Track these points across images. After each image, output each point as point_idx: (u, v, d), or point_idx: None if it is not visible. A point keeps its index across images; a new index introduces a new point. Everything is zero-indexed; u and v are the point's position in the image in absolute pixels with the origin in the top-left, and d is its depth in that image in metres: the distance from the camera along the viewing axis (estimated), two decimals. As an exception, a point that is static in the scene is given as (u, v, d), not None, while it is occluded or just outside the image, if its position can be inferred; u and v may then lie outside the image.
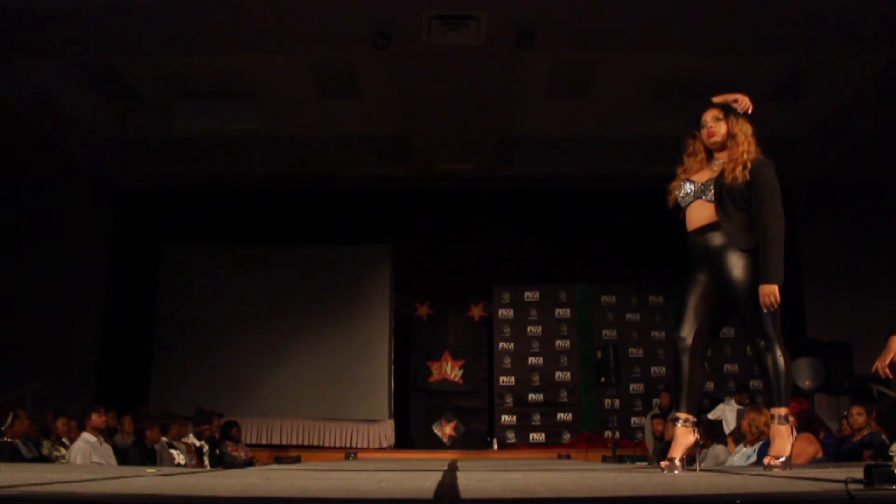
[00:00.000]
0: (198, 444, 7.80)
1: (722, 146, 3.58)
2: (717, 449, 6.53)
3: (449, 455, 9.07)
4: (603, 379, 9.18)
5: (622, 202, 10.28)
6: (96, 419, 6.17)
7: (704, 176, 3.59)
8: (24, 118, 8.71)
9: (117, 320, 10.47)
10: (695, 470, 3.54)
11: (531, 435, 10.59)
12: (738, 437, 6.14)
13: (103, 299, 10.55)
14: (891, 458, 5.17)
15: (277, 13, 6.88)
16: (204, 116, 8.70)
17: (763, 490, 1.93)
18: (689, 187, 3.60)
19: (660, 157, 4.13)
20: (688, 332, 3.49)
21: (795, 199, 9.50)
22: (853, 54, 7.69)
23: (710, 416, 7.86)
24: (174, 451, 6.91)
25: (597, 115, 9.27)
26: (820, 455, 5.72)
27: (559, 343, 10.89)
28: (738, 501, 1.72)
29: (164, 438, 6.89)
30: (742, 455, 5.80)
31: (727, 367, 10.43)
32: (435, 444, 10.55)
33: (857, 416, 6.18)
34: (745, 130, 3.53)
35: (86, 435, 6.11)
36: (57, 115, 9.01)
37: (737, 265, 3.40)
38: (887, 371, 3.64)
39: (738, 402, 8.24)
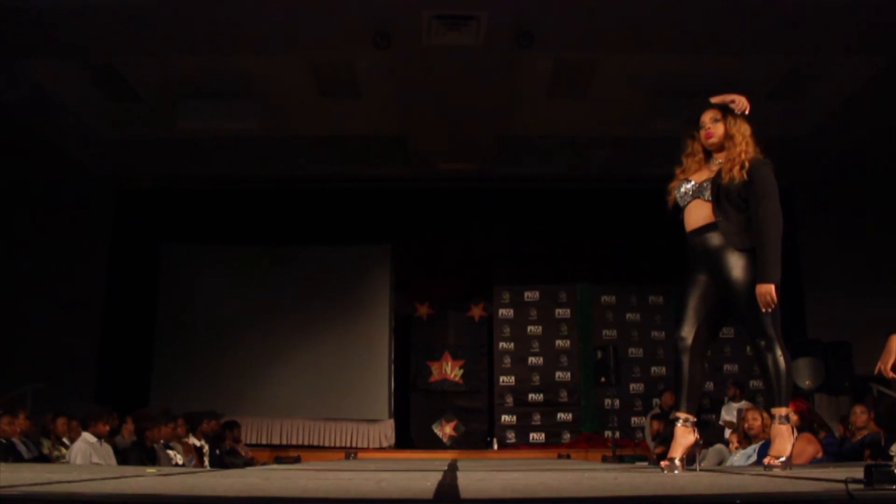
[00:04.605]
0: (198, 444, 7.80)
1: (720, 147, 3.59)
2: (718, 448, 6.54)
3: (449, 455, 9.07)
4: (603, 379, 9.18)
5: (622, 202, 10.27)
6: (102, 428, 6.15)
7: (702, 176, 3.60)
8: (24, 118, 8.71)
9: (117, 320, 10.47)
10: (695, 470, 3.54)
11: (531, 435, 10.58)
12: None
13: (103, 299, 10.54)
14: (891, 457, 5.17)
15: (277, 13, 6.88)
16: (204, 116, 8.68)
17: (763, 490, 1.93)
18: (687, 187, 3.61)
19: (660, 157, 4.13)
20: (688, 332, 3.50)
21: (795, 199, 9.50)
22: (853, 54, 7.69)
23: (726, 416, 7.86)
24: (171, 452, 6.90)
25: (597, 115, 9.27)
26: (820, 455, 5.72)
27: (559, 343, 10.89)
28: (738, 501, 1.72)
29: (161, 440, 6.88)
30: (742, 455, 5.80)
31: (727, 367, 10.42)
32: (435, 444, 10.55)
33: (861, 413, 6.18)
34: (742, 131, 3.53)
35: (86, 435, 6.10)
36: (57, 115, 9.01)
37: (735, 265, 3.40)
38: (890, 373, 3.63)
39: (731, 399, 8.26)
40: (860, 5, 6.63)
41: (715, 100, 3.63)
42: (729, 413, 7.93)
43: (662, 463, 3.44)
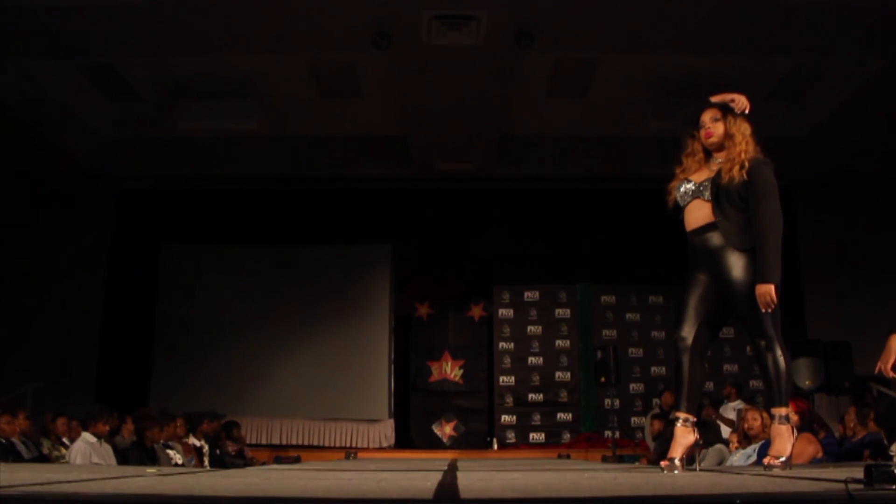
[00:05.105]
0: (198, 444, 7.80)
1: (720, 146, 3.58)
2: (718, 448, 6.53)
3: (449, 455, 9.07)
4: (603, 379, 9.18)
5: (622, 202, 10.27)
6: (101, 428, 6.15)
7: (702, 176, 3.59)
8: (23, 118, 8.71)
9: (117, 320, 10.46)
10: (695, 470, 3.54)
11: (531, 435, 10.58)
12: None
13: (103, 299, 10.54)
14: (891, 457, 5.17)
15: (277, 13, 6.88)
16: (204, 116, 8.69)
17: (763, 490, 1.93)
18: (687, 187, 3.60)
19: (660, 157, 4.13)
20: (688, 332, 3.50)
21: (795, 199, 9.50)
22: (853, 54, 7.69)
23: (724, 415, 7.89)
24: (171, 451, 6.90)
25: (597, 115, 9.27)
26: (820, 455, 5.72)
27: (559, 343, 10.89)
28: (738, 501, 1.72)
29: (161, 440, 6.88)
30: (742, 455, 5.80)
31: (727, 367, 10.42)
32: (435, 444, 10.55)
33: (848, 419, 6.22)
34: (742, 130, 3.53)
35: (86, 435, 6.09)
36: (57, 115, 9.01)
37: (735, 265, 3.40)
38: (891, 373, 3.63)
39: (726, 398, 8.28)
40: (860, 6, 6.63)
41: (715, 99, 3.62)
42: (726, 413, 7.94)
43: (662, 463, 3.44)
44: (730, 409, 7.99)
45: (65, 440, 6.83)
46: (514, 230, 10.92)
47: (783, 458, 3.29)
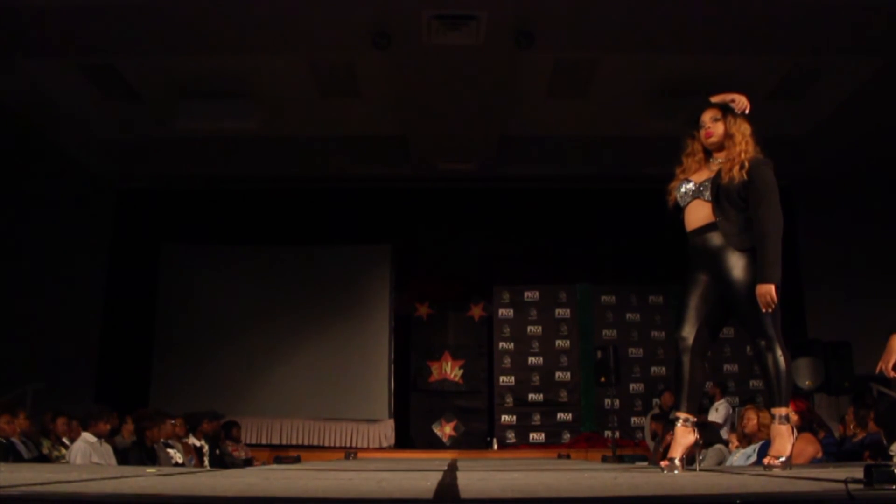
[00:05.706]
0: (198, 444, 7.80)
1: (720, 146, 3.59)
2: (718, 448, 6.53)
3: (449, 455, 9.07)
4: (603, 379, 9.19)
5: (622, 202, 10.26)
6: (102, 427, 6.14)
7: (703, 176, 3.60)
8: (23, 118, 8.71)
9: (117, 320, 10.47)
10: (695, 470, 3.54)
11: (531, 435, 10.58)
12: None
13: (103, 299, 10.54)
14: (891, 457, 5.17)
15: (277, 13, 6.88)
16: (204, 116, 8.69)
17: (763, 490, 1.93)
18: (687, 187, 3.61)
19: (660, 157, 4.13)
20: (688, 332, 3.50)
21: (795, 199, 9.50)
22: (853, 54, 7.69)
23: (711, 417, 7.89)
24: (171, 451, 6.90)
25: (597, 115, 9.26)
26: (820, 455, 5.72)
27: (559, 343, 10.88)
28: (738, 501, 1.72)
29: (161, 439, 6.87)
30: (742, 455, 5.80)
31: (727, 367, 10.42)
32: (435, 444, 10.55)
33: (850, 421, 6.22)
34: (742, 130, 3.53)
35: (86, 435, 6.09)
36: (57, 115, 9.01)
37: (736, 265, 3.40)
38: (891, 373, 3.63)
39: (710, 398, 8.30)
40: (860, 5, 6.63)
41: (715, 99, 3.63)
42: (710, 414, 7.95)
43: (662, 463, 3.44)
44: (712, 411, 8.00)
45: (65, 440, 6.83)
46: (514, 230, 10.92)
47: (783, 458, 3.29)
